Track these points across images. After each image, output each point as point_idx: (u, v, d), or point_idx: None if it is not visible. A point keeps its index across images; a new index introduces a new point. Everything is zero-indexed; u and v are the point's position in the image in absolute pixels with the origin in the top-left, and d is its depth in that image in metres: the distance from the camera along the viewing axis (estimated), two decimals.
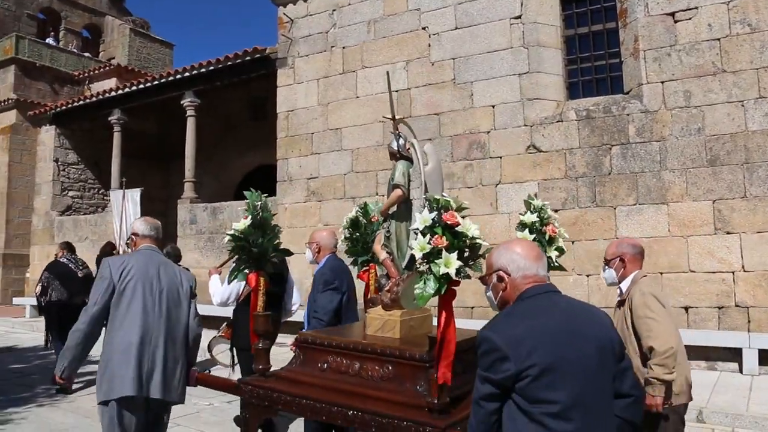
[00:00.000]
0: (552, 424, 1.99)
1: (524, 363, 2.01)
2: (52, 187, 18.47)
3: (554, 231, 3.84)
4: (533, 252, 2.36)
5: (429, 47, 10.67)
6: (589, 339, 2.12)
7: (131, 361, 3.52)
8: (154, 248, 3.99)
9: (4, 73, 19.70)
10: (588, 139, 9.24)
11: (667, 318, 3.51)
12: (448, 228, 2.94)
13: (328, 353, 3.55)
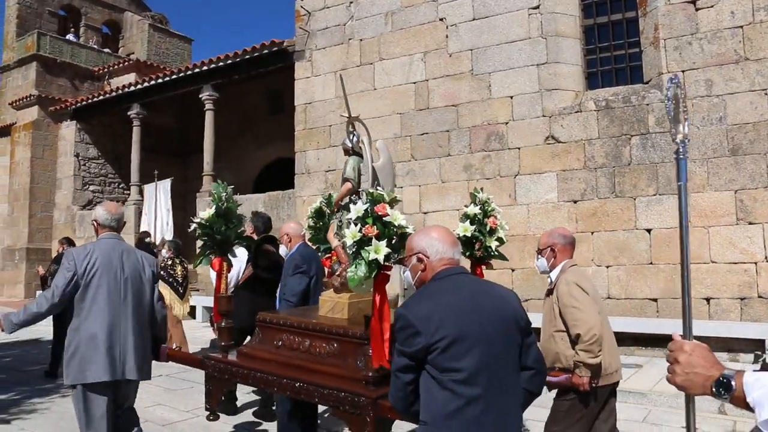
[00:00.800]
0: (459, 389, 2.24)
1: (433, 337, 2.25)
2: (73, 181, 18.64)
3: (495, 223, 4.31)
4: (449, 237, 2.60)
5: (447, 38, 10.63)
6: (492, 314, 2.35)
7: (101, 349, 3.76)
8: (116, 236, 4.14)
9: (26, 69, 19.89)
10: (607, 129, 9.16)
11: (590, 306, 3.67)
12: (379, 218, 3.26)
13: (283, 332, 3.97)
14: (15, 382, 7.63)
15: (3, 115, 20.88)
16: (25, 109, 19.25)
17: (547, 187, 9.53)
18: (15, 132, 19.43)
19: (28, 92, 19.20)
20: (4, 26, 21.20)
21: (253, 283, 6.00)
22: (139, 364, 3.93)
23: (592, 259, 9.06)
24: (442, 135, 10.55)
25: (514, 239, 9.67)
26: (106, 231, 4.12)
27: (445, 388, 2.26)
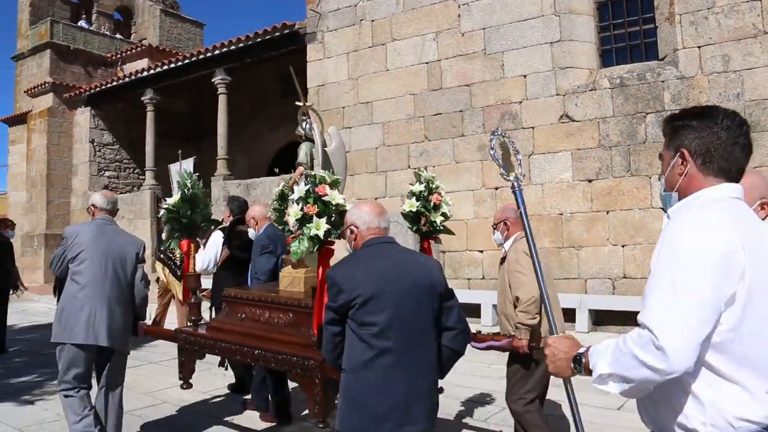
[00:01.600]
0: (373, 341, 2.61)
1: (353, 294, 2.64)
2: (89, 167, 18.77)
3: (438, 199, 4.73)
4: (377, 209, 3.00)
5: (459, 18, 10.54)
6: (408, 278, 2.71)
7: (81, 317, 4.24)
8: (108, 219, 4.66)
9: (40, 57, 19.96)
10: (622, 107, 9.08)
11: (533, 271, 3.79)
12: (319, 198, 3.62)
13: (245, 305, 4.39)
14: (36, 365, 7.74)
15: (19, 103, 21.03)
16: (40, 97, 19.36)
17: (561, 167, 9.48)
18: (31, 119, 19.56)
19: (43, 80, 19.29)
20: (18, 14, 21.25)
21: (230, 263, 6.30)
22: (112, 334, 4.32)
23: (608, 238, 9.02)
24: (456, 115, 10.50)
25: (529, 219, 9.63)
26: (101, 213, 4.65)
27: (362, 340, 2.64)
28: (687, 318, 1.54)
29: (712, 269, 1.58)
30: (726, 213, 1.69)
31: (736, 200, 1.77)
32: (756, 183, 2.30)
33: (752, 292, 1.62)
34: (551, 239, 9.43)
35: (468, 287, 10.17)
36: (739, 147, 1.79)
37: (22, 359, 8.32)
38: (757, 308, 1.62)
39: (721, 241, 1.60)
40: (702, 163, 1.79)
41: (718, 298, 1.58)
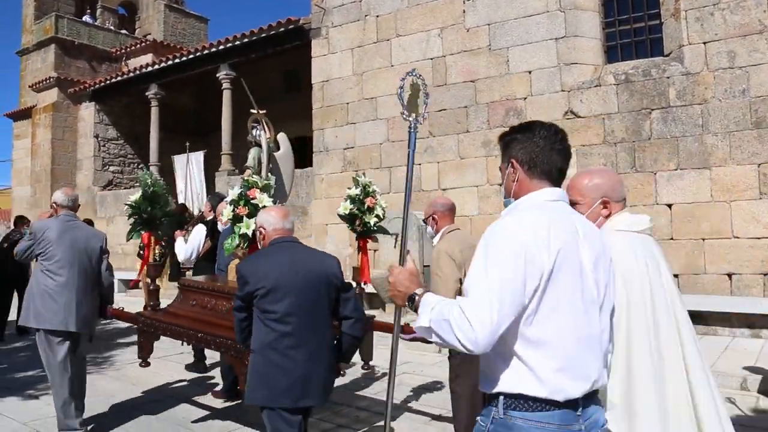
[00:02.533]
0: (274, 326, 3.07)
1: (256, 285, 3.08)
2: (93, 162, 18.80)
3: (372, 202, 5.21)
4: (282, 213, 3.48)
5: (464, 13, 10.52)
6: (307, 272, 3.14)
7: (55, 306, 4.76)
8: (71, 215, 5.14)
9: (45, 52, 19.98)
10: (627, 103, 9.06)
11: (450, 275, 3.99)
12: (249, 201, 4.17)
13: (196, 293, 4.90)
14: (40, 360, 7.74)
15: (24, 98, 21.05)
16: (44, 92, 19.37)
17: None
18: (36, 114, 19.58)
19: (48, 74, 19.31)
20: (23, 9, 21.26)
21: (211, 255, 6.72)
22: (81, 321, 4.87)
23: None
24: (460, 111, 10.48)
25: None
26: (63, 210, 5.12)
27: (266, 325, 3.10)
28: (493, 310, 1.76)
29: (518, 264, 1.80)
30: (538, 216, 1.92)
31: (554, 202, 2.02)
32: (600, 183, 2.50)
33: (554, 283, 1.84)
34: None
35: None
36: (555, 152, 2.07)
37: (26, 353, 8.35)
38: (551, 300, 1.84)
39: (527, 239, 1.83)
40: (528, 169, 2.07)
41: (522, 289, 1.80)
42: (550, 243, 1.84)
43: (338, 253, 11.89)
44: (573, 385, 1.85)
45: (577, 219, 2.04)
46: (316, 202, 12.35)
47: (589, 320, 1.91)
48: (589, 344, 1.90)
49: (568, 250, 1.88)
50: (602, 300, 1.96)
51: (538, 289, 1.82)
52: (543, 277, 1.82)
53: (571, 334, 1.86)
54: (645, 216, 2.47)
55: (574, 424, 1.86)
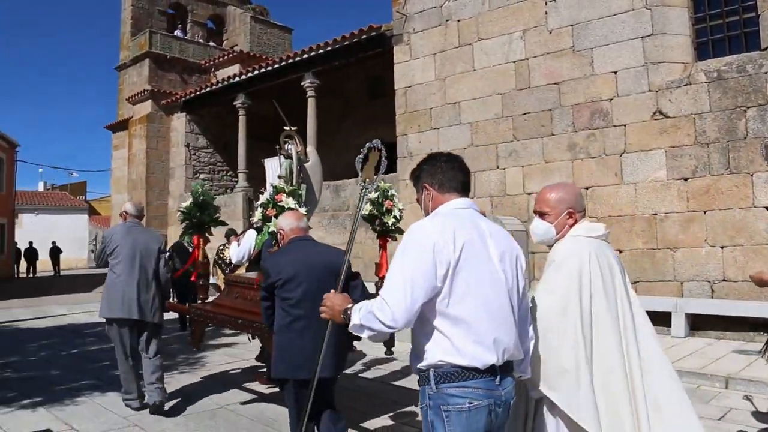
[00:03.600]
0: (290, 310, 3.72)
1: (277, 277, 3.75)
2: (185, 170, 19.55)
3: (391, 204, 6.00)
4: (297, 216, 4.24)
5: (546, 15, 10.40)
6: (319, 264, 3.69)
7: (118, 297, 5.59)
8: (135, 222, 6.00)
9: (140, 66, 20.97)
10: (720, 102, 8.73)
11: None
12: (276, 204, 5.06)
13: (238, 287, 5.84)
14: None
15: (121, 111, 22.14)
16: (140, 104, 20.31)
17: (655, 165, 9.20)
18: (132, 126, 20.55)
19: (143, 87, 20.24)
20: (121, 27, 22.37)
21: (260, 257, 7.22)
22: (142, 310, 5.64)
23: (705, 239, 8.70)
24: (544, 114, 10.36)
25: (621, 220, 9.42)
26: (130, 218, 5.97)
27: (284, 310, 3.75)
28: (407, 290, 2.20)
29: (422, 262, 2.23)
30: (445, 219, 2.39)
31: (464, 210, 2.49)
32: (565, 196, 2.85)
33: (459, 272, 2.25)
34: (644, 240, 9.18)
35: None
36: (456, 171, 2.57)
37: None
38: (463, 285, 2.25)
39: (435, 237, 2.27)
40: (438, 188, 2.55)
41: (433, 275, 2.22)
42: (455, 239, 2.27)
43: None
44: (488, 353, 2.24)
45: (484, 222, 2.49)
46: None
47: (498, 301, 2.31)
48: (499, 321, 2.30)
49: (473, 245, 2.32)
50: (511, 285, 2.38)
51: (447, 275, 2.24)
52: (450, 265, 2.24)
53: (482, 313, 2.27)
54: (601, 224, 2.88)
55: (495, 390, 2.27)
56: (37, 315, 13.75)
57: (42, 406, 5.94)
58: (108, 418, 5.53)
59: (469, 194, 2.60)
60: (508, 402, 2.33)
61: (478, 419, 2.24)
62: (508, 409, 2.34)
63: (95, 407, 5.90)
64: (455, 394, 2.23)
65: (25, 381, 7.08)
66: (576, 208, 2.84)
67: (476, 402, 2.23)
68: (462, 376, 2.23)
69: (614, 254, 2.82)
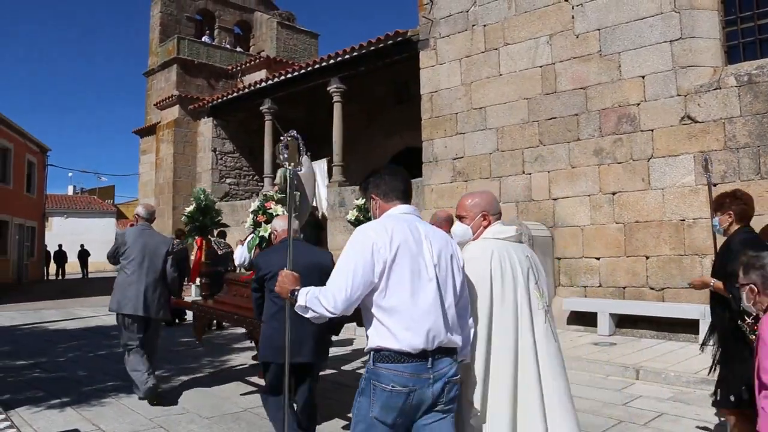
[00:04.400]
0: (277, 301, 4.04)
1: (266, 270, 4.25)
2: (211, 175, 19.73)
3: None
4: (284, 219, 4.65)
5: (572, 19, 10.34)
6: (304, 261, 3.83)
7: (128, 295, 6.09)
8: (146, 225, 6.49)
9: (168, 72, 21.23)
10: (750, 106, 8.60)
11: None
12: (266, 210, 5.79)
13: (235, 285, 6.42)
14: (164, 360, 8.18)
15: (149, 116, 22.42)
16: (167, 109, 20.56)
17: (683, 170, 9.09)
18: (159, 130, 20.80)
19: (170, 93, 20.48)
20: (149, 34, 22.68)
21: None
22: (148, 308, 6.13)
23: None
24: (571, 119, 10.29)
25: (648, 226, 9.32)
26: (141, 221, 6.47)
27: (271, 300, 4.22)
28: (348, 282, 2.59)
29: (362, 258, 2.61)
30: (386, 222, 2.75)
31: (405, 215, 2.84)
32: (479, 201, 3.17)
33: (394, 269, 2.61)
34: (671, 246, 9.07)
35: (584, 295, 9.94)
36: (398, 181, 2.94)
37: None
38: (397, 280, 2.61)
39: (375, 237, 2.64)
40: (384, 196, 2.93)
41: (371, 270, 2.60)
42: (392, 240, 2.64)
43: None
44: (418, 340, 2.58)
45: (422, 225, 2.83)
46: (425, 213, 12.42)
47: (429, 294, 2.64)
48: (430, 311, 2.62)
49: (408, 245, 2.67)
50: (444, 281, 2.71)
51: (383, 271, 2.60)
52: (387, 263, 2.61)
53: (413, 304, 2.61)
54: (512, 227, 3.13)
55: (423, 374, 2.60)
56: (65, 317, 13.93)
57: (70, 406, 6.02)
58: (134, 419, 5.58)
59: (410, 201, 2.97)
60: (442, 379, 2.64)
61: (396, 401, 2.61)
62: (443, 385, 2.64)
63: (121, 408, 5.96)
64: (385, 375, 2.62)
65: (53, 381, 7.18)
66: (490, 211, 3.15)
67: (398, 387, 2.59)
68: (395, 359, 2.60)
69: (527, 254, 3.12)
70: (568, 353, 7.82)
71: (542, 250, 10.18)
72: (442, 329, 2.64)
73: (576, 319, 9.89)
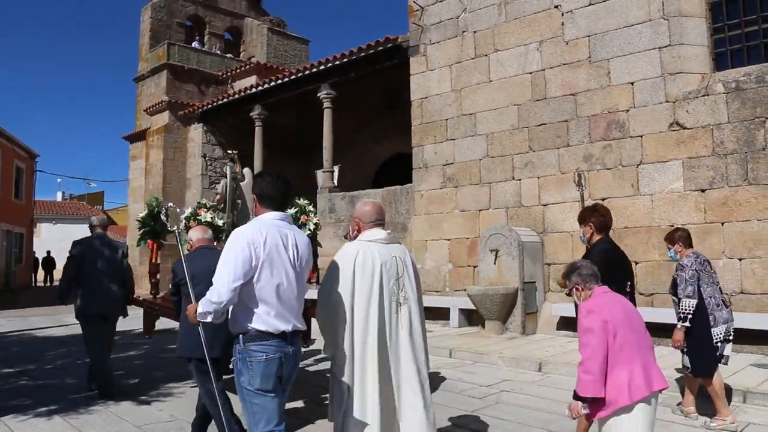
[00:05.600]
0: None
1: (180, 276, 4.56)
2: (201, 181, 19.68)
3: (305, 218, 7.85)
4: (203, 229, 5.42)
5: (562, 26, 10.39)
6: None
7: (93, 295, 6.60)
8: (102, 233, 6.95)
9: (158, 78, 21.14)
10: (738, 112, 8.66)
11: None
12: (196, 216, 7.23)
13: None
14: (153, 368, 8.16)
15: (139, 121, 22.31)
16: (157, 115, 20.49)
17: (672, 176, 9.13)
18: (149, 136, 20.73)
19: (160, 99, 20.41)
20: (139, 39, 22.60)
21: None
22: (108, 307, 6.72)
23: (723, 251, 8.61)
24: (561, 125, 10.33)
25: (637, 231, 9.35)
26: (97, 229, 6.94)
27: (188, 302, 4.03)
28: (230, 275, 3.14)
29: (242, 253, 3.18)
30: (261, 225, 3.34)
31: (278, 220, 3.43)
32: (356, 212, 3.93)
33: (265, 266, 3.22)
34: (661, 252, 9.08)
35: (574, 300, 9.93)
36: (274, 189, 3.47)
37: (140, 362, 8.81)
38: (266, 275, 3.23)
39: (252, 237, 3.23)
40: (260, 201, 3.49)
41: (249, 264, 3.18)
42: (265, 241, 3.25)
43: (437, 269, 11.94)
44: (279, 322, 3.26)
45: (290, 231, 3.45)
46: (415, 218, 12.44)
47: (289, 288, 3.31)
48: (290, 302, 3.33)
49: (277, 247, 3.29)
50: (303, 278, 3.44)
51: (257, 266, 3.20)
52: (260, 259, 3.20)
53: (278, 295, 3.27)
54: (383, 233, 3.80)
55: (284, 348, 3.28)
56: (53, 323, 13.84)
57: (57, 414, 5.96)
58: (122, 427, 5.53)
59: (284, 208, 3.57)
60: (296, 355, 3.41)
61: (271, 367, 3.24)
62: (296, 359, 3.41)
63: (109, 416, 5.91)
64: (256, 350, 3.24)
65: (41, 389, 7.11)
66: (363, 219, 3.85)
67: (270, 355, 3.23)
68: (263, 337, 3.24)
69: (393, 254, 3.76)
70: (558, 359, 7.85)
71: (532, 256, 10.20)
72: (297, 316, 3.38)
73: (566, 325, 9.89)
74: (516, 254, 9.99)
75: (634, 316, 3.40)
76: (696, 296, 5.35)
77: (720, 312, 5.42)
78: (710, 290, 5.44)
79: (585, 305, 3.44)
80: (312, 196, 15.95)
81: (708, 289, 5.44)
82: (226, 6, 24.28)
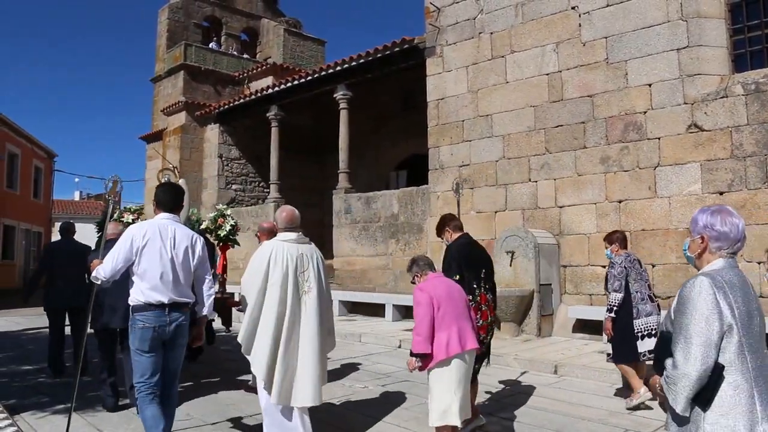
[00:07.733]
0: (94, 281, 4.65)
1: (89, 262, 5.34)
2: (218, 181, 19.78)
3: (222, 221, 8.72)
4: (111, 225, 6.35)
5: (579, 27, 10.34)
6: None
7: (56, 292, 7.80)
8: (70, 237, 8.24)
9: (174, 78, 21.29)
10: (758, 114, 8.58)
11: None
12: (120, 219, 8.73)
13: None
14: None
15: (156, 122, 22.47)
16: (174, 115, 20.62)
17: (690, 179, 9.07)
18: (166, 136, 20.85)
19: (177, 99, 20.54)
20: (157, 40, 22.76)
21: None
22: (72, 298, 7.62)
23: (742, 254, 8.52)
24: (577, 127, 10.28)
25: (654, 234, 9.29)
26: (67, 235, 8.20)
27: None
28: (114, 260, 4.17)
29: (125, 243, 4.19)
30: (147, 224, 4.33)
31: (165, 220, 4.39)
32: (282, 217, 4.74)
33: (145, 252, 4.19)
34: (678, 255, 9.03)
35: (590, 303, 9.91)
36: (165, 196, 4.48)
37: None
38: (146, 258, 4.19)
39: (136, 231, 4.25)
40: (156, 205, 4.47)
41: (128, 253, 4.17)
42: (145, 234, 4.23)
43: None
44: (157, 296, 4.19)
45: (173, 227, 4.38)
46: (431, 219, 12.42)
47: (166, 268, 4.23)
48: (166, 279, 4.22)
49: (155, 239, 4.24)
50: (180, 262, 4.31)
51: (137, 252, 4.18)
52: (139, 248, 4.18)
53: (155, 273, 4.20)
54: (293, 234, 4.66)
55: (162, 317, 4.20)
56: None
57: (74, 412, 6.00)
58: (138, 425, 5.54)
59: (176, 211, 4.53)
60: (175, 323, 4.27)
61: (146, 334, 4.18)
62: (176, 327, 4.28)
63: (126, 414, 5.96)
64: (138, 319, 4.21)
65: (58, 386, 7.19)
66: (278, 223, 4.77)
67: (146, 324, 4.18)
68: (144, 308, 4.19)
69: (301, 252, 4.60)
70: (574, 362, 7.82)
71: (548, 258, 10.16)
72: (175, 291, 4.26)
73: (582, 327, 9.86)
74: (532, 256, 9.96)
75: (456, 294, 4.40)
76: (622, 291, 6.14)
77: (644, 305, 6.15)
78: (637, 286, 6.19)
79: (418, 286, 4.39)
80: (328, 197, 16.00)
81: (635, 285, 6.19)
82: (243, 7, 24.42)
